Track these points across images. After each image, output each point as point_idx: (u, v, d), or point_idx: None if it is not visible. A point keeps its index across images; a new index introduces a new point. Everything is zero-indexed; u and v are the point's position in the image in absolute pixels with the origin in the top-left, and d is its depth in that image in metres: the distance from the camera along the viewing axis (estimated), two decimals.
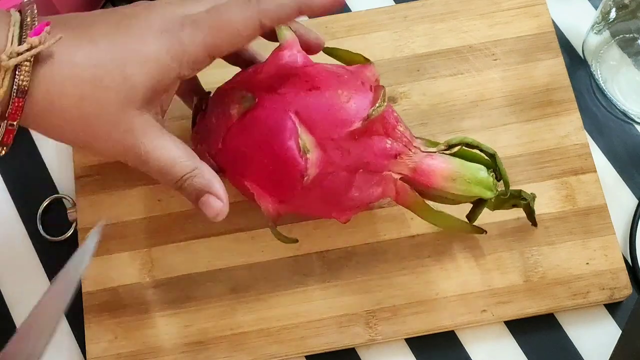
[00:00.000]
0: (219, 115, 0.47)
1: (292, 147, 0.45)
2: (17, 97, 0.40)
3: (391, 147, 0.47)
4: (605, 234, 0.54)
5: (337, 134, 0.45)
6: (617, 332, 0.53)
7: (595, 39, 0.59)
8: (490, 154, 0.49)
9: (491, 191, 0.48)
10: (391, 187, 0.48)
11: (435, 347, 0.53)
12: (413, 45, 0.59)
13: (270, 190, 0.47)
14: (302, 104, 0.45)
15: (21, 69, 0.39)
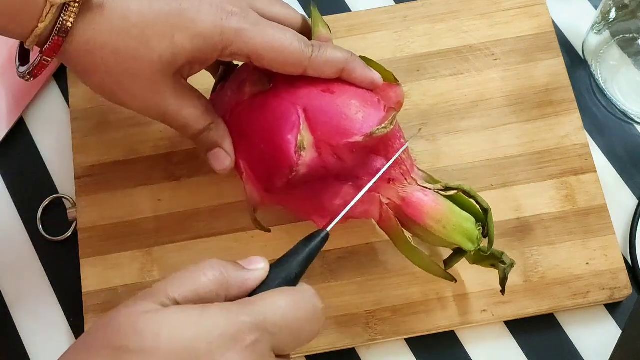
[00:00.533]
0: (234, 90, 0.48)
1: (290, 140, 0.45)
2: (57, 35, 0.40)
3: (387, 171, 0.47)
4: (605, 234, 0.54)
5: (336, 141, 0.45)
6: (617, 332, 0.53)
7: (595, 39, 0.59)
8: (485, 208, 0.48)
9: (473, 244, 0.48)
10: (376, 209, 0.48)
11: (435, 347, 0.53)
12: (413, 45, 0.59)
13: (258, 175, 0.47)
14: (311, 103, 0.45)
15: (68, 8, 0.39)
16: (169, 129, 0.56)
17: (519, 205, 0.54)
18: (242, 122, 0.47)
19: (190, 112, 0.45)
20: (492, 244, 0.48)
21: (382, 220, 0.48)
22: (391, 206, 0.48)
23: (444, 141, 0.56)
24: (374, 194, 0.47)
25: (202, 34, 0.42)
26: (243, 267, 0.37)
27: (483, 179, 0.55)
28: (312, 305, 0.36)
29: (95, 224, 0.55)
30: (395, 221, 0.48)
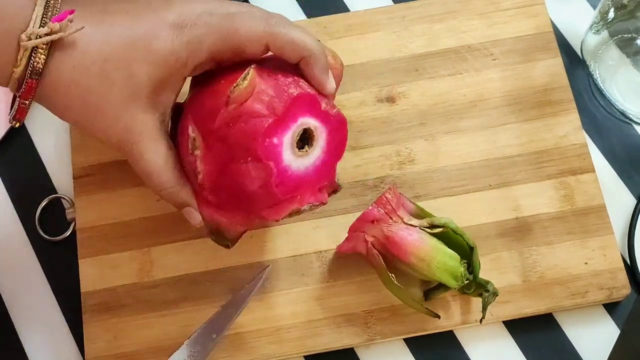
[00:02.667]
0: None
1: (187, 146, 0.44)
2: (30, 78, 0.40)
3: (369, 213, 0.48)
4: (604, 234, 0.54)
5: (213, 124, 0.43)
6: (615, 331, 0.53)
7: (594, 39, 0.59)
8: (471, 246, 0.49)
9: (456, 282, 0.48)
10: (362, 246, 0.49)
11: (434, 347, 0.53)
12: (412, 45, 0.59)
13: (198, 199, 0.46)
14: (194, 106, 0.45)
15: (37, 52, 0.40)
16: None
17: (517, 205, 0.54)
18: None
19: (154, 160, 0.44)
20: (476, 278, 0.49)
21: (368, 255, 0.49)
22: (376, 244, 0.49)
23: (442, 141, 0.56)
24: (359, 232, 0.49)
25: (158, 58, 0.42)
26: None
27: (482, 178, 0.55)
28: None
29: (94, 224, 0.55)
30: (378, 259, 0.48)
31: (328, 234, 0.54)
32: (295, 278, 0.53)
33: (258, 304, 0.53)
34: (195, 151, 0.44)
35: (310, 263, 0.54)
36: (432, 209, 0.52)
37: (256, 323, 0.52)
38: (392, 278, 0.48)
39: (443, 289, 0.50)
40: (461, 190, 0.55)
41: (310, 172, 0.45)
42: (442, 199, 0.55)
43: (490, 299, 0.49)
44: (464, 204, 0.54)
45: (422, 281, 0.52)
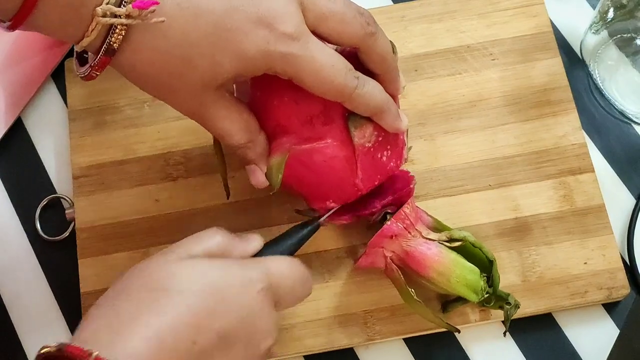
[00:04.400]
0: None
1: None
2: (104, 55, 0.40)
3: (388, 228, 0.48)
4: (603, 234, 0.54)
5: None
6: (615, 331, 0.53)
7: (593, 38, 0.59)
8: (490, 259, 0.49)
9: (477, 295, 0.48)
10: (381, 261, 0.49)
11: (434, 346, 0.53)
12: (411, 45, 0.59)
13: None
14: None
15: (115, 31, 0.39)
16: (166, 130, 0.57)
17: (517, 205, 0.54)
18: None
19: (227, 126, 0.45)
20: (496, 292, 0.49)
21: (387, 270, 0.49)
22: (395, 259, 0.49)
23: (441, 141, 0.56)
24: (378, 248, 0.48)
25: (245, 58, 0.42)
26: (243, 239, 0.44)
27: (481, 178, 0.55)
28: (303, 270, 0.43)
29: (93, 224, 0.55)
30: (398, 274, 0.48)
31: (328, 234, 0.54)
32: None
33: None
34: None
35: (309, 263, 0.54)
36: (431, 209, 0.52)
37: None
38: (412, 293, 0.48)
39: (462, 301, 0.50)
40: (460, 190, 0.55)
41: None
42: (441, 199, 0.55)
43: (512, 311, 0.49)
44: (463, 204, 0.54)
45: (439, 294, 0.52)
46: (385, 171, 0.48)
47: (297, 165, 0.46)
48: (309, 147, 0.46)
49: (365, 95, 0.44)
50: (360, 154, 0.46)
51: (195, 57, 0.41)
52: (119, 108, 0.58)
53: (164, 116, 0.57)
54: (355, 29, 0.44)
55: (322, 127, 0.46)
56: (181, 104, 0.44)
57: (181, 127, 0.57)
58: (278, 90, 0.46)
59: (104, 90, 0.58)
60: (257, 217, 0.55)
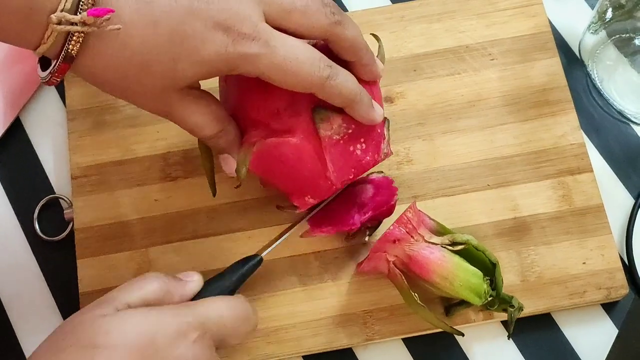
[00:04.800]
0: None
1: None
2: (63, 62, 0.40)
3: (390, 233, 0.48)
4: (602, 234, 0.54)
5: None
6: (613, 331, 0.53)
7: (592, 38, 0.59)
8: (493, 262, 0.49)
9: (480, 299, 0.48)
10: (384, 266, 0.49)
11: (432, 346, 0.53)
12: (410, 45, 0.59)
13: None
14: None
15: (72, 38, 0.39)
16: (165, 130, 0.57)
17: (515, 205, 0.55)
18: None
19: (196, 120, 0.45)
20: (499, 295, 0.49)
21: (390, 274, 0.49)
22: (398, 263, 0.48)
23: (441, 141, 0.56)
24: (381, 253, 0.48)
25: (206, 63, 0.41)
26: (181, 279, 0.44)
27: (480, 178, 0.55)
28: (245, 307, 0.44)
29: (92, 224, 0.55)
30: (401, 278, 0.48)
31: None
32: (293, 278, 0.53)
33: (256, 304, 0.53)
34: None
35: (308, 263, 0.54)
36: (430, 209, 0.52)
37: None
38: (415, 297, 0.48)
39: (465, 305, 0.50)
40: (459, 190, 0.55)
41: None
42: (440, 199, 0.55)
43: (516, 313, 0.49)
44: (462, 204, 0.54)
45: (442, 297, 0.52)
46: (361, 165, 0.47)
47: (270, 158, 0.46)
48: (275, 140, 0.45)
49: (337, 85, 0.44)
50: (327, 146, 0.46)
51: (154, 64, 0.41)
52: (118, 108, 0.58)
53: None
54: (320, 19, 0.43)
55: (289, 119, 0.45)
56: (145, 106, 0.44)
57: (180, 128, 0.56)
58: (247, 84, 0.46)
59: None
60: (256, 217, 0.55)
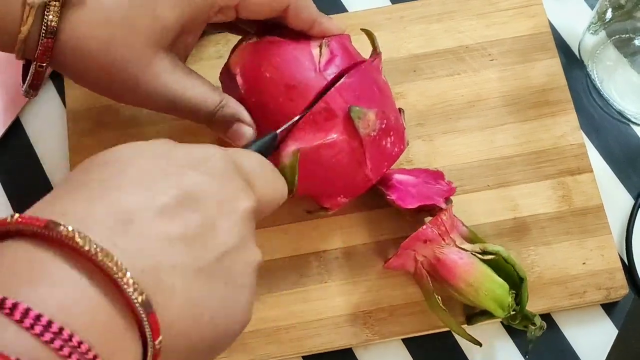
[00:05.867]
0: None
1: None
2: (46, 37, 0.39)
3: (423, 233, 0.48)
4: (602, 234, 0.54)
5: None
6: (613, 331, 0.53)
7: (592, 39, 0.59)
8: (521, 277, 0.48)
9: (503, 311, 0.47)
10: (411, 264, 0.49)
11: (432, 347, 0.53)
12: (409, 45, 0.59)
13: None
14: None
15: (50, 9, 0.38)
16: (166, 131, 0.57)
17: (515, 205, 0.55)
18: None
19: (197, 92, 0.44)
20: (523, 310, 0.48)
21: (416, 274, 0.49)
22: (425, 264, 0.49)
23: (440, 141, 0.56)
24: (410, 250, 0.48)
25: (182, 1, 0.41)
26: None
27: (480, 179, 0.55)
28: (274, 168, 0.39)
29: None
30: (427, 279, 0.48)
31: (327, 235, 0.54)
32: (293, 278, 0.53)
33: (256, 305, 0.53)
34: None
35: (308, 263, 0.54)
36: None
37: (254, 323, 0.52)
38: (438, 300, 0.48)
39: (487, 316, 0.50)
40: (459, 191, 0.55)
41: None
42: None
43: (537, 332, 0.48)
44: (462, 204, 0.54)
45: (464, 305, 0.52)
46: (391, 157, 0.49)
47: (306, 164, 0.46)
48: (316, 145, 0.46)
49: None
50: (367, 144, 0.46)
51: (135, 17, 0.40)
52: (118, 109, 0.58)
53: (163, 117, 0.57)
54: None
55: (325, 122, 0.46)
56: (136, 87, 0.42)
57: (181, 128, 0.56)
58: (272, 93, 0.46)
59: None
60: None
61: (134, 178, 0.31)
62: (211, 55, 0.58)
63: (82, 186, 0.31)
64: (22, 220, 0.28)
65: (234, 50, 0.48)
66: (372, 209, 0.54)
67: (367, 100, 0.47)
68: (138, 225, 0.29)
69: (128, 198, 0.30)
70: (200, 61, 0.58)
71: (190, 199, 0.31)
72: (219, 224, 0.32)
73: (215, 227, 0.32)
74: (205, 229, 0.31)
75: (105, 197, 0.30)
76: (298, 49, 0.46)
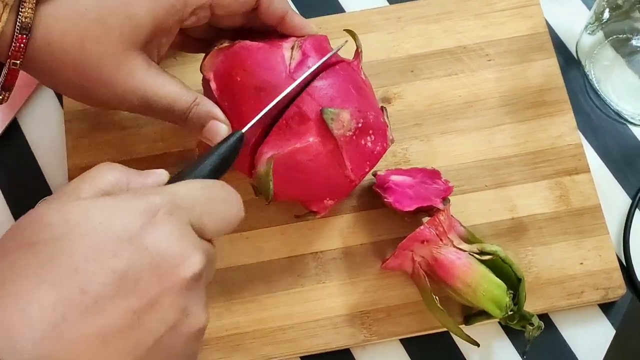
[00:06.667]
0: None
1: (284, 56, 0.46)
2: (20, 34, 0.39)
3: (420, 233, 0.48)
4: (599, 234, 0.54)
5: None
6: (611, 331, 0.53)
7: (589, 39, 0.59)
8: (518, 277, 0.48)
9: (501, 311, 0.48)
10: (409, 265, 0.49)
11: (430, 347, 0.53)
12: (407, 45, 0.59)
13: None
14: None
15: (24, 5, 0.38)
16: (163, 132, 0.57)
17: (513, 205, 0.55)
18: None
19: (171, 90, 0.44)
20: (520, 310, 0.48)
21: (413, 274, 0.49)
22: (423, 264, 0.49)
23: (438, 142, 0.56)
24: (407, 251, 0.48)
25: (156, 1, 0.41)
26: (141, 172, 0.37)
27: (477, 179, 0.55)
28: (223, 188, 0.36)
29: None
30: (424, 280, 0.48)
31: (324, 235, 0.54)
32: (291, 279, 0.53)
33: (254, 305, 0.53)
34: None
35: (306, 264, 0.54)
36: None
37: (252, 324, 0.52)
38: (436, 300, 0.48)
39: (485, 316, 0.50)
40: (457, 191, 0.55)
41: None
42: None
43: (535, 332, 0.48)
44: (459, 205, 0.54)
45: (462, 305, 0.52)
46: (374, 156, 0.48)
47: (284, 170, 0.46)
48: (291, 150, 0.45)
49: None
50: (343, 144, 0.46)
51: (109, 15, 0.40)
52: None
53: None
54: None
55: (298, 127, 0.45)
56: (110, 85, 0.42)
57: (178, 129, 0.56)
58: (243, 96, 0.46)
59: None
60: (255, 218, 0.55)
61: (63, 267, 0.29)
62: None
63: (12, 274, 0.29)
64: None
65: (206, 56, 0.48)
66: (370, 210, 0.54)
67: (342, 101, 0.46)
68: (70, 326, 0.28)
69: (59, 293, 0.28)
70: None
71: (128, 280, 0.30)
72: (159, 300, 0.30)
73: (154, 306, 0.30)
74: (143, 312, 0.30)
75: (34, 295, 0.28)
76: (269, 51, 0.46)
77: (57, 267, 0.29)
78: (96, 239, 0.30)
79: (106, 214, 0.31)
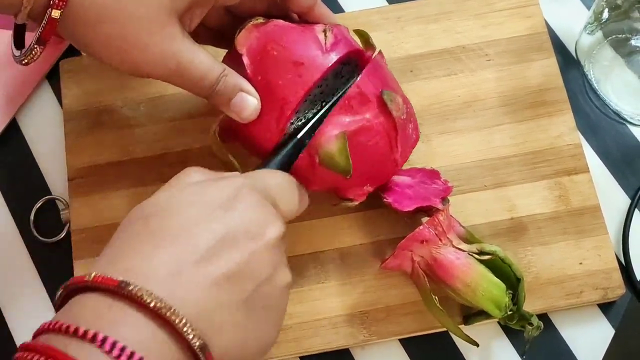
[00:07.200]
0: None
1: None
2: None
3: (420, 233, 0.48)
4: (599, 234, 0.54)
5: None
6: (610, 331, 0.53)
7: (588, 39, 0.59)
8: (518, 277, 0.48)
9: (500, 311, 0.47)
10: (408, 265, 0.49)
11: (429, 347, 0.53)
12: (407, 45, 0.59)
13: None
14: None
15: None
16: (163, 131, 0.57)
17: (512, 205, 0.55)
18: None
19: (204, 58, 0.44)
20: (520, 310, 0.48)
21: (413, 274, 0.49)
22: (422, 264, 0.49)
23: (437, 142, 0.56)
24: (407, 251, 0.48)
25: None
26: (220, 174, 0.42)
27: (477, 179, 0.55)
28: (291, 179, 0.44)
29: (89, 225, 0.55)
30: (424, 280, 0.48)
31: (323, 235, 0.54)
32: None
33: None
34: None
35: (306, 264, 0.54)
36: None
37: None
38: (435, 300, 0.48)
39: (485, 316, 0.50)
40: (456, 191, 0.55)
41: None
42: None
43: (534, 332, 0.48)
44: (459, 205, 0.54)
45: (462, 305, 0.52)
46: (412, 144, 0.49)
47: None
48: (357, 128, 0.46)
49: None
50: (399, 126, 0.47)
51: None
52: (115, 109, 0.58)
53: (160, 117, 0.57)
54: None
55: (360, 107, 0.46)
56: (146, 46, 0.42)
57: (178, 128, 0.56)
58: (279, 70, 0.46)
59: (99, 90, 0.58)
60: None
61: (174, 230, 0.36)
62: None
63: (134, 241, 0.36)
64: (99, 279, 0.34)
65: (240, 32, 0.47)
66: (369, 210, 0.54)
67: (391, 88, 0.48)
68: (186, 275, 0.35)
69: (174, 251, 0.35)
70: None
71: (227, 239, 0.36)
72: (254, 257, 0.37)
73: (251, 260, 0.37)
74: (243, 263, 0.36)
75: (154, 253, 0.35)
76: (304, 32, 0.47)
77: (169, 231, 0.36)
78: (198, 208, 0.37)
79: (202, 191, 0.38)
